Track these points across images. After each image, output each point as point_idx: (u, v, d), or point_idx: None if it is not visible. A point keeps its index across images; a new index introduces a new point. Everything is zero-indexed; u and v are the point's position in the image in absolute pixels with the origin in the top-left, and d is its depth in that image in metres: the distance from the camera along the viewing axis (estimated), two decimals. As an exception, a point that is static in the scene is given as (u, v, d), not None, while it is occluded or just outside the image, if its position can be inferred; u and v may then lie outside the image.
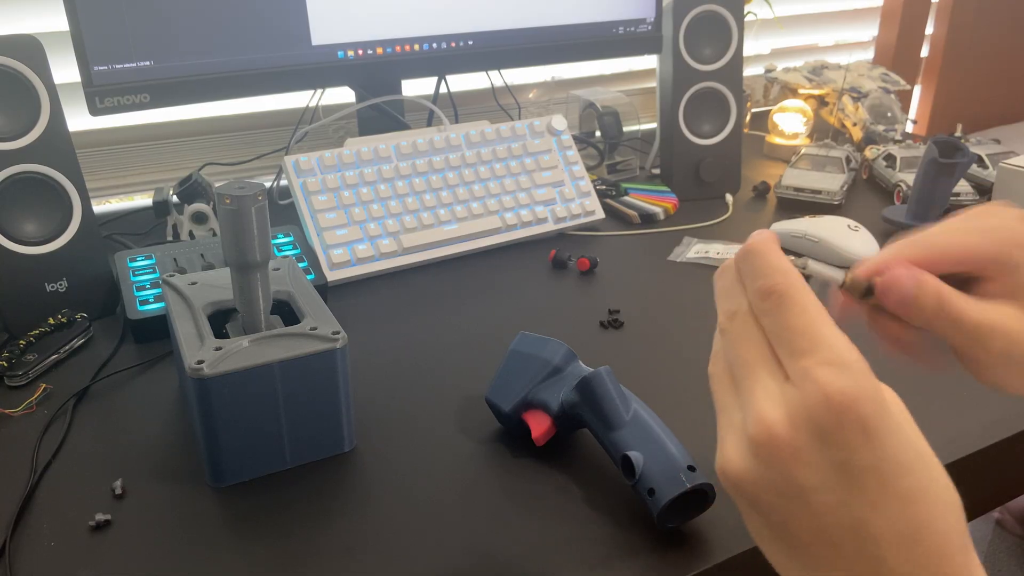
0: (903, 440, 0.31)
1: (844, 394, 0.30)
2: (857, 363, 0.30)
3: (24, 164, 0.74)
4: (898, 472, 0.30)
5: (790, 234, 0.93)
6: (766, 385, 0.32)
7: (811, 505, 0.31)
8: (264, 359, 0.54)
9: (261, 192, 0.54)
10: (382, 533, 0.52)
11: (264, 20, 0.90)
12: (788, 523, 0.32)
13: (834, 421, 0.30)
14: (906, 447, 0.31)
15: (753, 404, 0.32)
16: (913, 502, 0.30)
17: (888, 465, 0.30)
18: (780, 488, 0.31)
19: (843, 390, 0.30)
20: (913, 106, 1.89)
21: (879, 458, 0.30)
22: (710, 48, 1.07)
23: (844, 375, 0.30)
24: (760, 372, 0.33)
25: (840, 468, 0.30)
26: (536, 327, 0.76)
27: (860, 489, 0.30)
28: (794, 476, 0.31)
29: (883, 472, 0.30)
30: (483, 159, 0.98)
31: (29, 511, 0.55)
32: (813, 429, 0.30)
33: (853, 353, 0.31)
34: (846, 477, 0.30)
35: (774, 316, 0.33)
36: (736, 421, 0.33)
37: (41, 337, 0.73)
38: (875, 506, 0.30)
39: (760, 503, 0.32)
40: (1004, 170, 0.96)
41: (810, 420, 0.30)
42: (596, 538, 0.52)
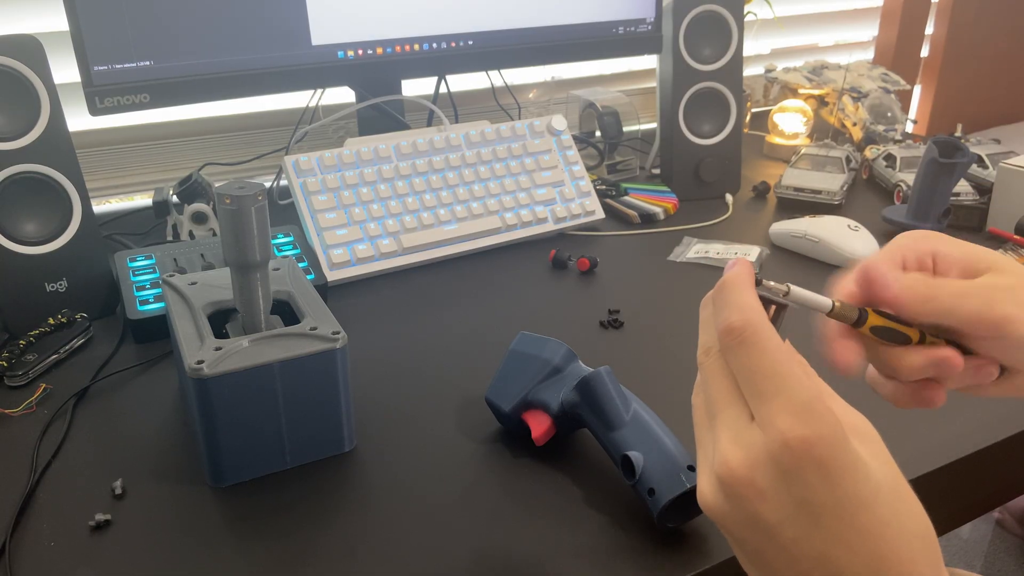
0: (862, 478, 0.32)
1: (803, 440, 0.32)
2: (816, 406, 0.32)
3: (24, 164, 0.74)
4: (856, 508, 0.32)
5: (790, 234, 0.93)
6: (732, 425, 0.34)
7: (777, 539, 0.33)
8: (264, 359, 0.54)
9: (261, 192, 0.54)
10: (382, 533, 0.52)
11: (264, 20, 0.90)
12: (761, 553, 0.34)
13: (794, 463, 0.32)
14: (864, 484, 0.32)
15: (719, 443, 0.34)
16: (873, 536, 0.32)
17: (847, 502, 0.32)
18: (747, 523, 0.33)
19: (802, 436, 0.32)
20: (913, 106, 1.89)
21: (837, 496, 0.32)
22: (710, 48, 1.07)
23: (803, 421, 0.32)
24: (728, 412, 0.35)
25: (801, 505, 0.32)
26: (536, 327, 0.76)
27: (821, 525, 0.32)
28: (758, 512, 0.33)
29: (842, 509, 0.32)
30: (483, 159, 0.98)
31: (29, 511, 0.55)
32: (774, 470, 0.32)
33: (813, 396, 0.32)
34: (807, 514, 0.32)
35: (736, 356, 0.34)
36: (709, 456, 0.35)
37: (41, 337, 0.73)
38: (836, 541, 0.32)
39: (733, 535, 0.34)
40: (1004, 170, 0.96)
41: (771, 462, 0.32)
42: (596, 538, 0.52)
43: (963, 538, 1.58)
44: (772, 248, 0.95)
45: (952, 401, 0.65)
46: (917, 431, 0.61)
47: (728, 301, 0.35)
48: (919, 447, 0.59)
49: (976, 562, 1.53)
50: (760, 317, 0.35)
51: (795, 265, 0.91)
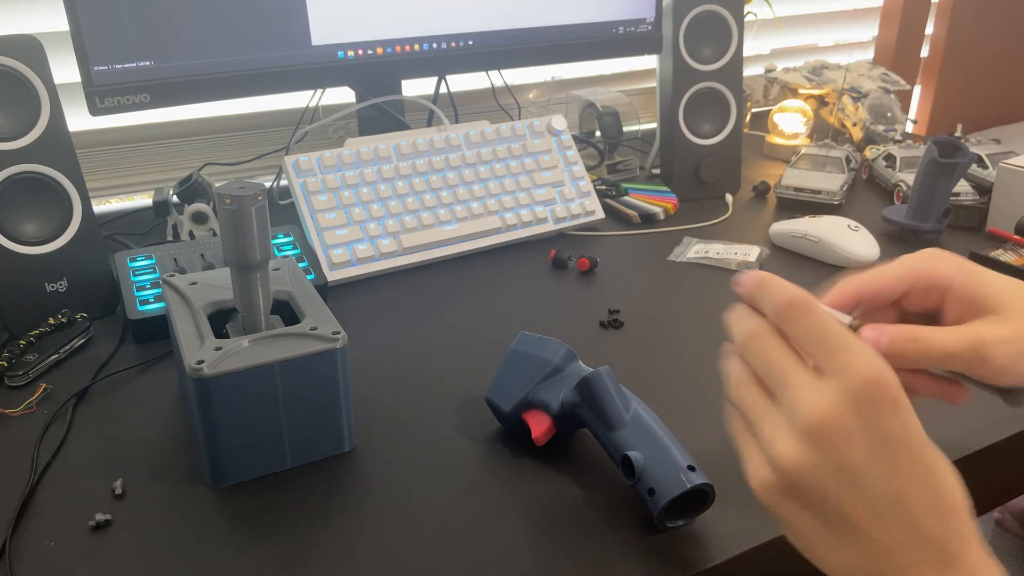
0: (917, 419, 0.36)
1: (879, 376, 0.35)
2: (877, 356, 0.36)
3: (24, 164, 0.74)
4: (922, 444, 0.36)
5: (790, 234, 0.93)
6: (805, 380, 0.37)
7: (860, 483, 0.36)
8: (264, 359, 0.54)
9: (261, 192, 0.54)
10: (382, 533, 0.52)
11: (264, 20, 0.90)
12: (841, 506, 0.36)
13: (873, 400, 0.35)
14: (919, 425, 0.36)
15: (800, 399, 0.36)
16: (933, 471, 0.36)
17: (914, 438, 0.36)
18: (835, 470, 0.36)
19: (879, 374, 0.35)
20: (913, 106, 1.89)
21: (907, 432, 0.36)
22: (710, 48, 1.07)
23: (877, 361, 0.36)
24: (796, 372, 0.38)
25: (880, 443, 0.35)
26: (536, 327, 0.76)
27: (896, 461, 0.35)
28: (846, 456, 0.35)
29: (911, 444, 0.36)
30: (483, 159, 0.98)
31: (29, 511, 0.55)
32: (857, 411, 0.35)
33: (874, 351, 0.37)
34: (885, 451, 0.35)
35: (801, 321, 0.38)
36: (781, 422, 0.37)
37: (41, 337, 0.73)
38: (908, 475, 0.36)
39: (816, 493, 0.36)
40: (1004, 170, 0.96)
41: (854, 403, 0.35)
42: (596, 538, 0.52)
43: (963, 538, 1.58)
44: (772, 248, 0.95)
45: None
46: (917, 431, 0.61)
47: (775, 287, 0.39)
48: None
49: (976, 562, 1.52)
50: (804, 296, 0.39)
51: (795, 265, 0.91)
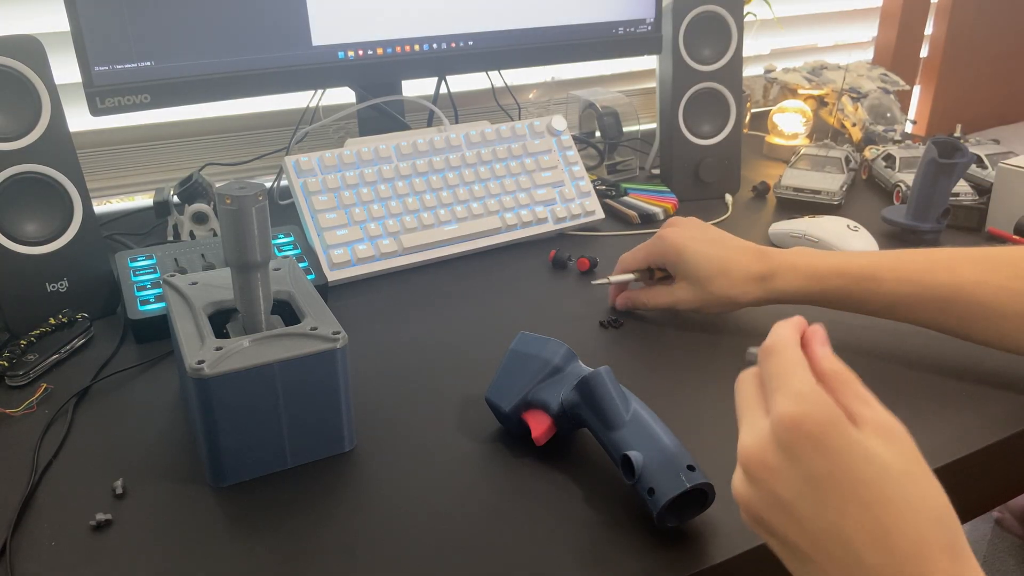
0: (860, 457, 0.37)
1: (793, 418, 0.37)
2: (809, 393, 0.38)
3: (25, 164, 0.74)
4: (856, 483, 0.36)
5: (790, 234, 0.94)
6: (751, 421, 0.41)
7: (795, 516, 0.37)
8: (264, 359, 0.54)
9: (261, 192, 0.54)
10: (382, 533, 0.52)
11: (264, 20, 0.90)
12: (787, 536, 0.38)
13: (790, 439, 0.37)
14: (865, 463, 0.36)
15: (742, 437, 0.40)
16: (877, 510, 0.36)
17: (845, 476, 0.36)
18: (769, 504, 0.38)
19: (792, 415, 0.37)
20: (912, 106, 1.89)
21: (834, 470, 0.36)
22: (710, 48, 1.08)
23: (795, 403, 0.38)
24: (749, 412, 0.41)
25: (807, 480, 0.37)
26: (536, 327, 0.76)
27: (825, 497, 0.37)
28: (775, 491, 0.38)
29: (839, 481, 0.36)
30: (483, 159, 0.98)
31: (30, 511, 0.55)
32: (778, 448, 0.38)
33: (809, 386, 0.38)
34: (813, 487, 0.37)
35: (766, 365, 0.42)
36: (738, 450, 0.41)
37: (42, 337, 0.73)
38: (842, 513, 0.36)
39: (763, 523, 0.39)
40: (1003, 170, 0.96)
41: (774, 441, 0.38)
42: (596, 538, 0.52)
43: (963, 538, 1.58)
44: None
45: (952, 401, 0.65)
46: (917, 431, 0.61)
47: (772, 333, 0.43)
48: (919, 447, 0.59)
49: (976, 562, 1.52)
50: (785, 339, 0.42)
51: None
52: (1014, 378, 0.68)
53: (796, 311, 0.52)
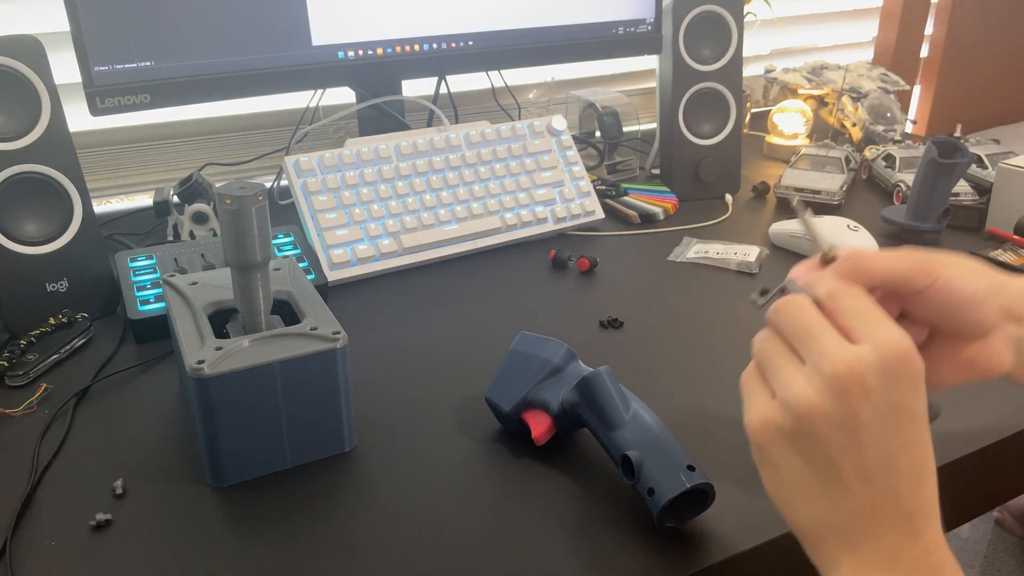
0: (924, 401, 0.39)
1: (911, 351, 0.38)
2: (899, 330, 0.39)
3: (25, 164, 0.74)
4: (925, 422, 0.39)
5: (790, 234, 0.94)
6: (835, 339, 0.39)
7: (861, 440, 0.38)
8: (264, 359, 0.54)
9: (261, 192, 0.54)
10: (382, 533, 0.52)
11: (264, 20, 0.90)
12: (835, 457, 0.38)
13: (898, 369, 0.38)
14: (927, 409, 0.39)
15: (829, 351, 0.39)
16: (925, 449, 0.39)
17: (922, 415, 0.39)
18: (842, 421, 0.38)
19: (909, 349, 0.38)
20: (912, 106, 1.89)
21: (917, 408, 0.38)
22: (710, 48, 1.08)
23: (904, 338, 0.38)
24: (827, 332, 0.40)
25: (892, 409, 0.38)
26: (536, 327, 0.76)
27: (900, 429, 0.38)
28: (858, 410, 0.38)
29: (917, 419, 0.38)
30: (483, 159, 0.98)
31: (30, 511, 0.55)
32: (882, 372, 0.38)
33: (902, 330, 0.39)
34: (894, 417, 0.38)
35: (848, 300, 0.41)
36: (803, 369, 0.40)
37: (42, 337, 0.73)
38: (907, 447, 0.38)
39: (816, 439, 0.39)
40: (1003, 170, 0.96)
41: (881, 365, 0.38)
42: (596, 538, 0.52)
43: (963, 538, 1.58)
44: (772, 248, 0.95)
45: (952, 401, 0.65)
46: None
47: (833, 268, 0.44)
48: (918, 447, 0.59)
49: (976, 562, 1.53)
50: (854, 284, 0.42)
51: (794, 265, 0.91)
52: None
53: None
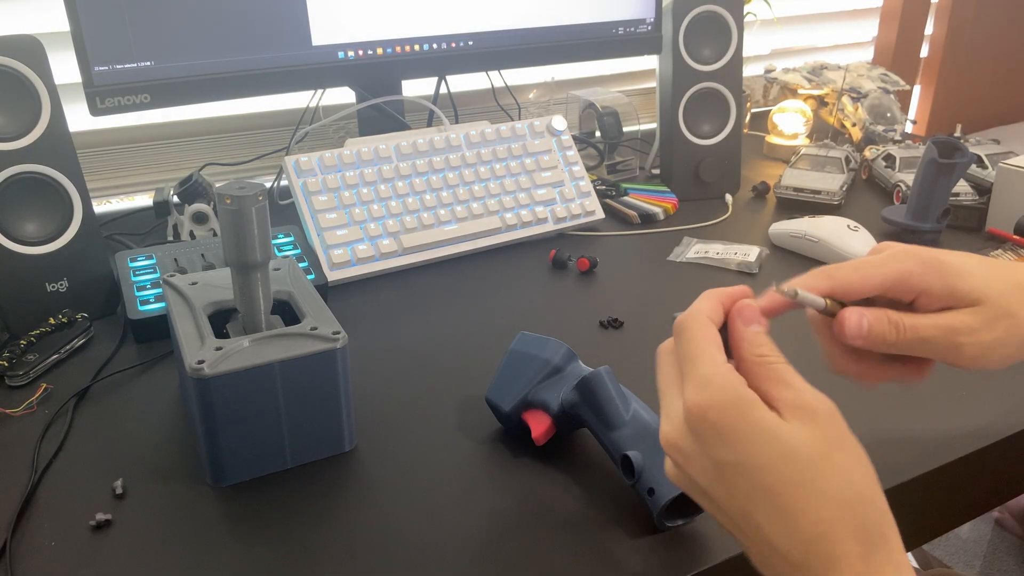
0: (764, 441, 0.36)
1: (697, 406, 0.38)
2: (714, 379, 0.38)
3: (25, 164, 0.74)
4: (758, 469, 0.36)
5: (790, 234, 0.94)
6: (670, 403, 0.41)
7: (712, 499, 0.38)
8: (264, 359, 0.54)
9: (261, 192, 0.54)
10: (382, 532, 0.52)
11: (264, 20, 0.90)
12: (713, 515, 0.39)
13: (697, 427, 0.38)
14: (768, 446, 0.36)
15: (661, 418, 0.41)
16: (780, 495, 0.36)
17: (748, 461, 0.36)
18: (690, 486, 0.40)
19: (697, 403, 0.38)
20: (913, 106, 1.89)
21: (737, 455, 0.37)
22: (710, 48, 1.08)
23: (700, 391, 0.38)
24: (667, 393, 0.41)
25: (716, 466, 0.37)
26: (536, 327, 0.76)
27: (733, 483, 0.37)
28: (692, 475, 0.39)
29: (744, 467, 0.37)
30: (483, 159, 0.98)
31: (29, 511, 0.55)
32: (688, 434, 0.38)
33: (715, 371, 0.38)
34: (720, 473, 0.37)
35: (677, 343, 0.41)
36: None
37: (42, 337, 0.73)
38: (748, 498, 0.37)
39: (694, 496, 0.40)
40: (1003, 170, 0.96)
41: (685, 427, 0.39)
42: (596, 538, 0.52)
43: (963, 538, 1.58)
44: (772, 248, 0.95)
45: (952, 401, 0.65)
46: (917, 431, 0.61)
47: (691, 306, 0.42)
48: (919, 447, 0.59)
49: (976, 562, 1.53)
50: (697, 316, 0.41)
51: (794, 265, 0.91)
52: (1015, 378, 0.68)
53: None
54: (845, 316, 0.44)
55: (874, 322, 0.44)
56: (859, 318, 0.44)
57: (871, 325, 0.44)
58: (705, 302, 0.42)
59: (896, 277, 0.46)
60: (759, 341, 0.40)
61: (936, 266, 0.46)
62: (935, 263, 0.46)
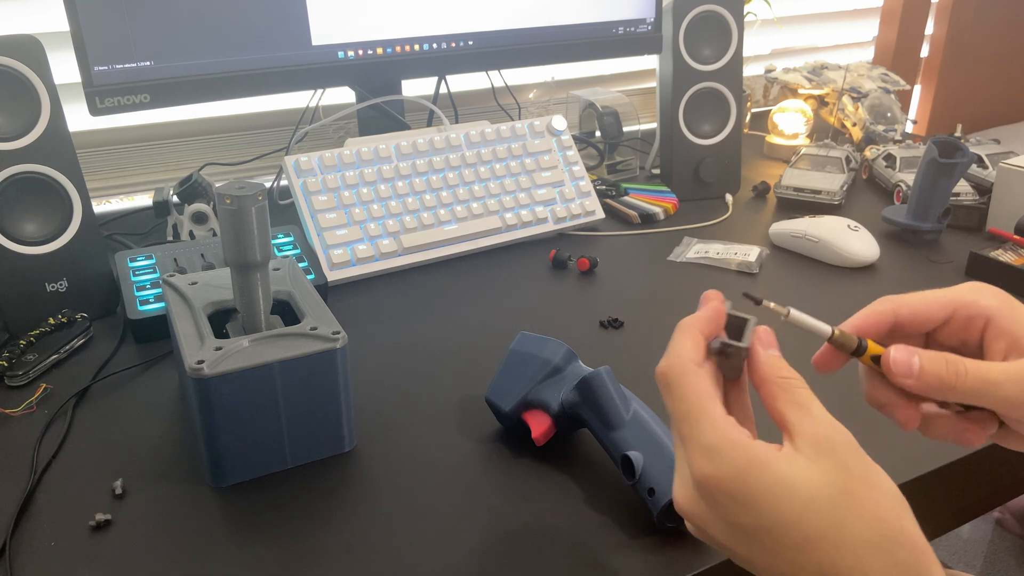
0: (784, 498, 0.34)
1: (709, 478, 0.35)
2: (722, 448, 0.35)
3: (24, 164, 0.74)
4: (782, 528, 0.34)
5: (790, 234, 0.93)
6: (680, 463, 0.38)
7: (737, 555, 0.37)
8: (264, 359, 0.54)
9: (261, 192, 0.54)
10: (382, 533, 0.52)
11: (264, 20, 0.90)
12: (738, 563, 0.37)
13: (711, 497, 0.36)
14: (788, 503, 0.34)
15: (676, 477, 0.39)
16: (808, 550, 0.34)
17: (769, 523, 0.34)
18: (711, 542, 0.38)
19: (709, 475, 0.35)
20: (913, 106, 1.89)
21: (759, 520, 0.35)
22: (710, 48, 1.08)
23: (709, 461, 0.35)
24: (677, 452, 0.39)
25: (735, 529, 0.36)
26: (536, 327, 0.76)
27: (757, 544, 0.35)
28: (711, 535, 0.37)
29: (767, 529, 0.35)
30: (483, 159, 0.98)
31: (29, 511, 0.55)
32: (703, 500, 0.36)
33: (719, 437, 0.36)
34: (742, 536, 0.36)
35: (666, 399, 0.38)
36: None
37: (41, 337, 0.73)
38: (776, 555, 0.35)
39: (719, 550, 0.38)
40: (1004, 170, 0.96)
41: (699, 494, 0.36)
42: (596, 538, 0.52)
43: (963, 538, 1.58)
44: (772, 248, 0.95)
45: (952, 401, 0.65)
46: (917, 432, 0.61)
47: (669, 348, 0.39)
48: (920, 447, 0.59)
49: (976, 562, 1.53)
50: (682, 364, 0.38)
51: (795, 265, 0.91)
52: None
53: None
54: (891, 351, 0.40)
55: (929, 360, 0.39)
56: (908, 354, 0.39)
57: (924, 363, 0.39)
58: (686, 342, 0.38)
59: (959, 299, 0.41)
60: (780, 364, 0.38)
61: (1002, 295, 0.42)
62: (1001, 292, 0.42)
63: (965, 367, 0.38)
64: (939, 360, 0.39)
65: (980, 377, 0.38)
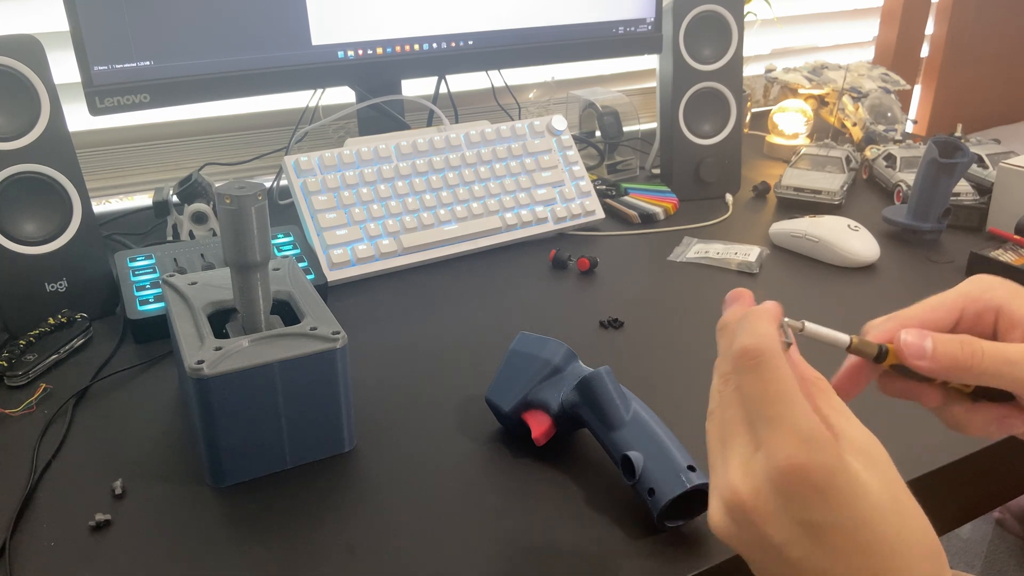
0: (861, 496, 0.33)
1: (802, 467, 0.33)
2: (817, 435, 0.33)
3: (24, 164, 0.74)
4: (857, 527, 0.33)
5: (790, 234, 0.93)
6: (741, 452, 0.35)
7: (785, 557, 0.34)
8: (264, 359, 0.54)
9: (261, 192, 0.54)
10: (382, 533, 0.52)
11: (264, 20, 0.90)
12: (768, 570, 0.35)
13: (793, 489, 0.33)
14: (864, 502, 0.33)
15: (729, 470, 0.36)
16: (873, 553, 0.33)
17: (847, 521, 0.33)
18: (755, 544, 0.35)
19: (801, 464, 0.33)
20: (913, 106, 1.89)
21: (837, 517, 0.33)
22: (710, 48, 1.07)
23: (803, 449, 0.33)
24: (737, 439, 0.36)
25: (804, 526, 0.33)
26: (536, 327, 0.76)
27: (824, 543, 0.33)
28: (765, 534, 0.34)
29: (842, 527, 0.33)
30: (483, 159, 0.98)
31: (29, 511, 0.55)
32: (776, 495, 0.34)
33: (814, 425, 0.34)
34: (810, 534, 0.33)
35: (748, 379, 0.36)
36: (719, 483, 0.36)
37: (41, 337, 0.73)
38: (838, 558, 0.33)
39: (743, 554, 0.36)
40: (1004, 170, 0.96)
41: (773, 488, 0.34)
42: (596, 538, 0.52)
43: (963, 538, 1.58)
44: (772, 248, 0.95)
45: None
46: (918, 431, 0.61)
47: (748, 328, 0.36)
48: (920, 447, 0.59)
49: (976, 562, 1.53)
50: (775, 345, 0.36)
51: (795, 265, 0.91)
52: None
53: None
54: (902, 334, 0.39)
55: (942, 342, 0.38)
56: (920, 337, 0.38)
57: (938, 344, 0.38)
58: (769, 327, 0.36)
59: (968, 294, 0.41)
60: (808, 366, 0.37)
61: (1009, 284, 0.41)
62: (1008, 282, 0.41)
63: (982, 347, 0.38)
64: (954, 341, 0.38)
65: (999, 356, 0.38)
